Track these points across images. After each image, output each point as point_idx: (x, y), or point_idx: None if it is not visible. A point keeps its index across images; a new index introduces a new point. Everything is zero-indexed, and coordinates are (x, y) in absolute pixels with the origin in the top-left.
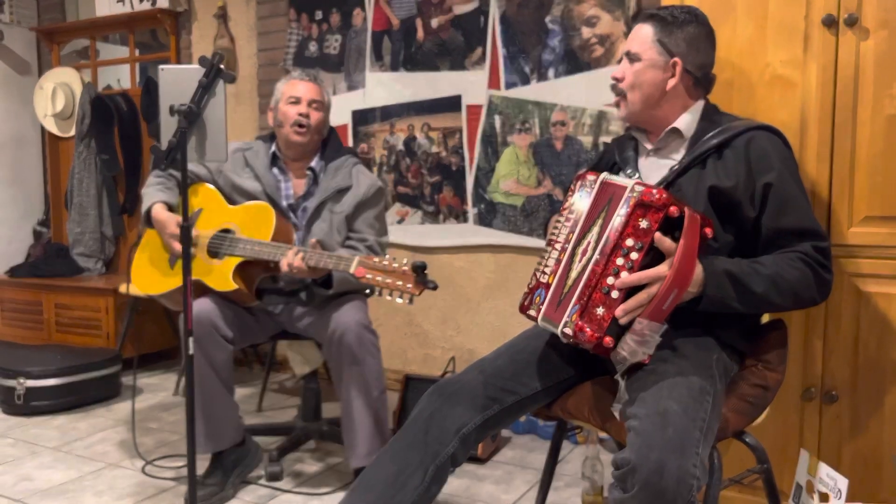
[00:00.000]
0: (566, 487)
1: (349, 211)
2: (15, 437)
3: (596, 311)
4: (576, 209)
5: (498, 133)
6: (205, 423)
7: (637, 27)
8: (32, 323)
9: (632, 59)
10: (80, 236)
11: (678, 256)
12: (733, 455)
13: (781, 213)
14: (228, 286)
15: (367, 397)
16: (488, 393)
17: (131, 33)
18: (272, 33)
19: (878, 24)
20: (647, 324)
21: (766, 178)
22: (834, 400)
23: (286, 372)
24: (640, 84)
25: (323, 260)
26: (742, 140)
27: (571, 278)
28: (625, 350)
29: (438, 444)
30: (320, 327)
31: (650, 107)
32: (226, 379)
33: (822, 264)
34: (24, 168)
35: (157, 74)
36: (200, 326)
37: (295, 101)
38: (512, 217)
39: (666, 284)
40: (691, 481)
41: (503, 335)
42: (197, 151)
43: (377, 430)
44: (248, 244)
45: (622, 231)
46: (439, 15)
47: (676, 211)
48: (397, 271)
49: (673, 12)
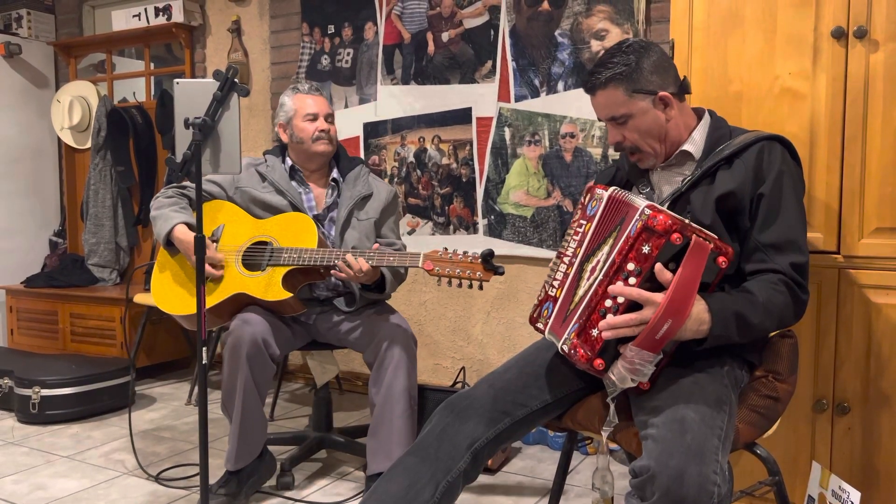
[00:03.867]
0: (576, 498)
1: (376, 217)
2: (30, 445)
3: (591, 332)
4: (584, 223)
5: (508, 145)
6: (239, 441)
7: (602, 95)
8: (48, 332)
9: (621, 121)
10: (96, 247)
11: (673, 286)
12: (744, 467)
13: (766, 224)
14: (281, 296)
15: (408, 404)
16: (499, 407)
17: (147, 47)
18: (285, 47)
19: (887, 37)
20: (637, 351)
21: (762, 188)
22: (846, 411)
23: (298, 381)
24: (643, 134)
25: (386, 258)
26: (753, 151)
27: (578, 295)
28: (614, 375)
29: (450, 459)
30: (364, 334)
31: (661, 141)
32: (264, 396)
33: (799, 284)
34: (41, 179)
35: (173, 88)
36: (253, 345)
37: (313, 118)
38: (522, 228)
39: (658, 312)
40: (712, 488)
41: (513, 345)
42: (211, 164)
43: (411, 437)
44: (294, 253)
45: (626, 254)
46: (450, 29)
47: (679, 238)
48: (465, 261)
49: (622, 62)
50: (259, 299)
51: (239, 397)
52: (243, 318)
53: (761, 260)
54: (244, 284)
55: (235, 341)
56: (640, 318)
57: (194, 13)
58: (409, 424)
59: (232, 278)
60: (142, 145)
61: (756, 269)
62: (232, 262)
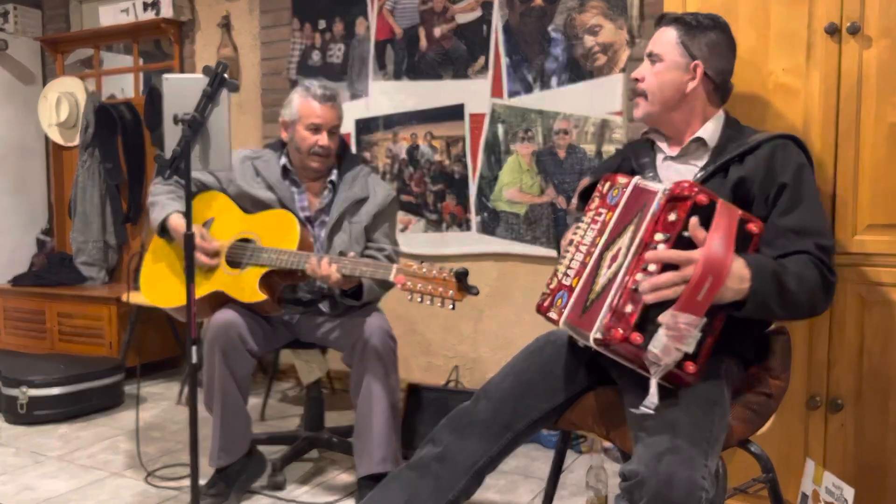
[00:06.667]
0: (570, 497)
1: (367, 221)
2: (17, 446)
3: (625, 309)
4: (604, 212)
5: (501, 141)
6: (221, 436)
7: (660, 30)
8: (35, 332)
9: (654, 59)
10: (84, 245)
11: (709, 240)
12: (738, 464)
13: (788, 210)
14: (256, 297)
15: (388, 403)
16: (500, 420)
17: (135, 43)
18: (275, 43)
19: (880, 33)
20: (680, 315)
21: (783, 178)
22: (839, 408)
23: (289, 381)
24: (660, 84)
25: (359, 268)
26: (766, 148)
27: (600, 284)
28: (656, 348)
29: (452, 478)
30: (343, 335)
31: (669, 108)
32: (244, 391)
33: (826, 265)
34: (28, 177)
35: (161, 83)
36: (228, 340)
37: (315, 129)
38: (515, 225)
39: (699, 269)
40: (700, 493)
41: (507, 343)
42: (201, 160)
43: (393, 437)
44: (273, 253)
45: (652, 230)
46: (442, 24)
47: (706, 198)
48: (438, 278)
49: (697, 17)
50: (235, 299)
51: (217, 392)
52: (220, 314)
53: (784, 246)
54: (223, 282)
55: (211, 336)
56: (681, 275)
57: (183, 8)
58: (389, 425)
59: (214, 274)
60: (130, 142)
61: (781, 254)
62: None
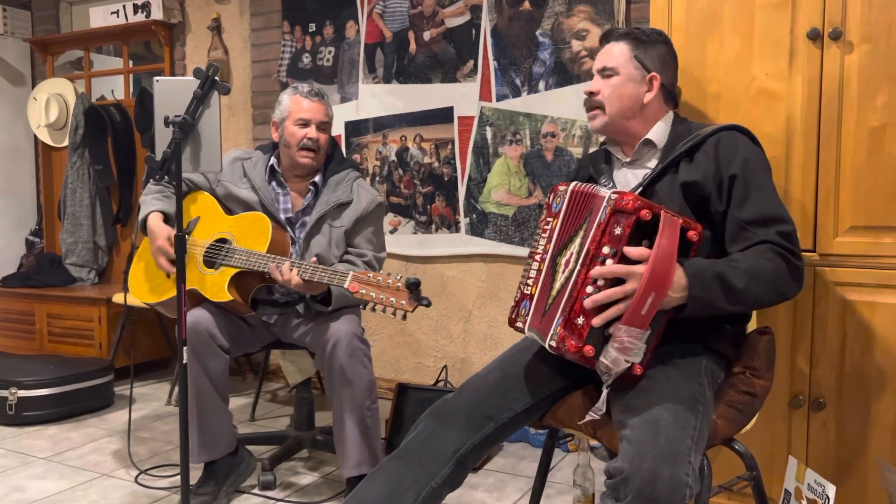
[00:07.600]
0: (558, 495)
1: (348, 226)
2: (6, 447)
3: (576, 321)
4: (551, 220)
5: (489, 144)
6: (199, 432)
7: (610, 45)
8: (24, 333)
9: (608, 74)
10: (73, 246)
11: (653, 256)
12: (722, 462)
13: (744, 202)
14: (223, 297)
15: (359, 408)
16: (483, 411)
17: (125, 44)
18: (266, 45)
19: (861, 38)
20: (625, 329)
21: (732, 170)
22: (821, 407)
23: (279, 381)
24: (619, 97)
25: (318, 274)
26: (711, 141)
27: (555, 289)
28: (607, 359)
29: (435, 465)
30: (314, 338)
31: (626, 118)
32: (221, 388)
33: (790, 251)
34: (18, 178)
35: (152, 85)
36: (196, 336)
37: (304, 124)
38: (503, 227)
39: (642, 285)
40: (684, 490)
41: (495, 344)
42: (191, 162)
43: (367, 441)
44: (244, 255)
45: (599, 240)
46: (431, 28)
47: (648, 214)
48: (391, 287)
49: (645, 32)
50: (206, 298)
51: (192, 386)
52: (190, 313)
53: (748, 238)
54: (196, 281)
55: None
56: (623, 290)
57: (174, 10)
58: (359, 430)
59: (190, 273)
60: (120, 144)
61: (744, 248)
62: (195, 256)
